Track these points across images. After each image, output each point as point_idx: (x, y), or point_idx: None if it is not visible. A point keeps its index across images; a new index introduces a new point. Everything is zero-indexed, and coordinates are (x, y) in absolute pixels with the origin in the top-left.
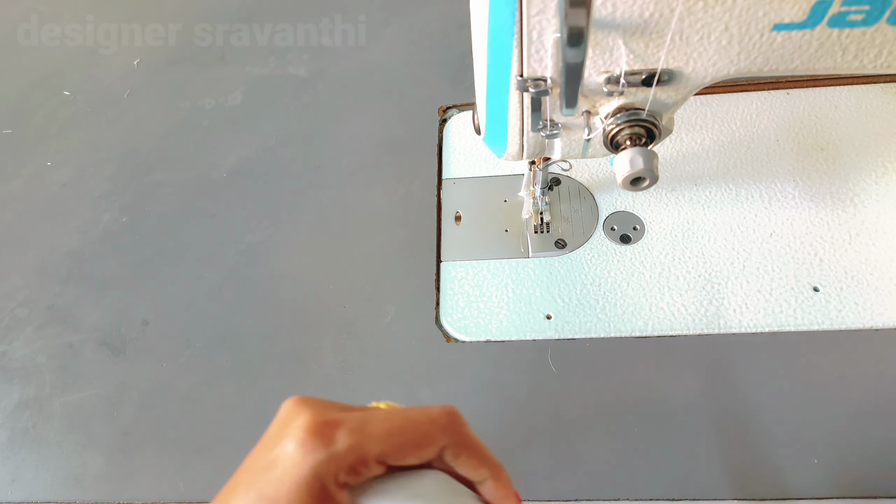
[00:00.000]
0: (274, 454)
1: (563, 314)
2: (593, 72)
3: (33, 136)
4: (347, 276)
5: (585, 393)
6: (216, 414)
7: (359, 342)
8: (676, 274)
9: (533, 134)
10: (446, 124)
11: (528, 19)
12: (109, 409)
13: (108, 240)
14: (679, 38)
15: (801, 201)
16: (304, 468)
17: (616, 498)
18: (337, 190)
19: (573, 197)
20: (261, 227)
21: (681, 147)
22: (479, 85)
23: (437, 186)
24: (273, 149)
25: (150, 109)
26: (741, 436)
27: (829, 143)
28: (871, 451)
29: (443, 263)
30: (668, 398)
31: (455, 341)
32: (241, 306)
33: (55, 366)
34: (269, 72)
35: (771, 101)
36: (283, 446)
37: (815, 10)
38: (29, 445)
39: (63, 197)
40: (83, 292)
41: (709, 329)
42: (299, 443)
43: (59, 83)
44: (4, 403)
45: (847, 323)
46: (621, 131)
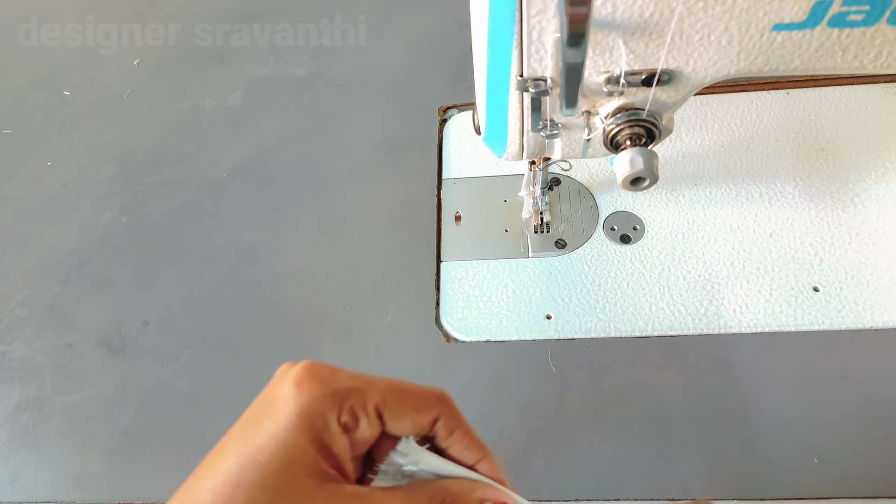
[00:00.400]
0: (269, 399)
1: (563, 314)
2: (593, 72)
3: (33, 136)
4: (347, 276)
5: (585, 393)
6: (216, 414)
7: (359, 342)
8: (676, 274)
9: (533, 134)
10: (446, 124)
11: (528, 19)
12: (109, 409)
13: (108, 240)
14: (679, 38)
15: (801, 201)
16: (300, 403)
17: (616, 498)
18: (337, 190)
19: (573, 197)
20: (261, 227)
21: (681, 147)
22: (479, 85)
23: (437, 186)
24: (273, 149)
25: (150, 109)
26: (741, 436)
27: (829, 143)
28: (871, 451)
29: (443, 263)
30: (668, 398)
31: (455, 341)
32: (241, 306)
33: (55, 366)
34: (269, 72)
35: (771, 101)
36: (279, 389)
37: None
38: (29, 445)
39: (63, 197)
40: (83, 292)
41: (709, 329)
42: (295, 383)
43: (59, 83)
44: (4, 403)
45: (847, 323)
46: (621, 131)
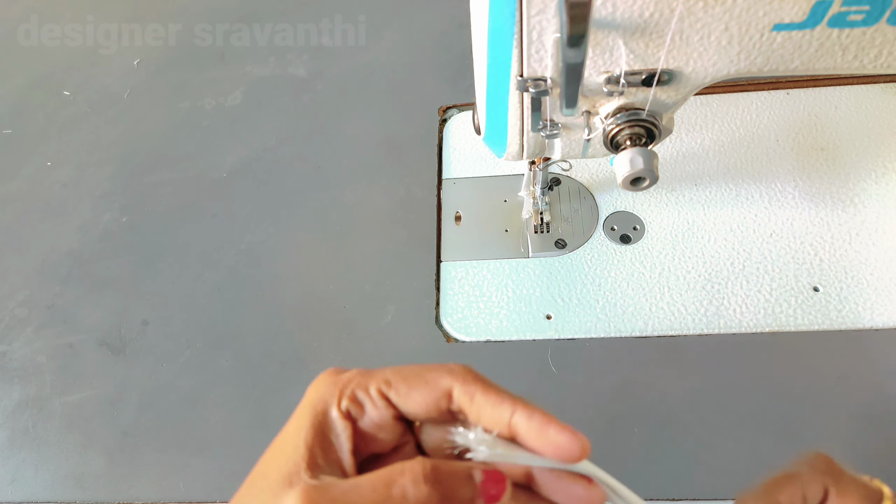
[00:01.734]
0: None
1: (563, 314)
2: (593, 72)
3: (33, 136)
4: (347, 276)
5: (585, 393)
6: (216, 414)
7: (359, 342)
8: (676, 274)
9: (533, 134)
10: (446, 124)
11: (528, 19)
12: (109, 409)
13: (108, 240)
14: (679, 38)
15: (801, 201)
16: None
17: None
18: (337, 190)
19: (573, 197)
20: (261, 227)
21: (681, 147)
22: (479, 85)
23: (437, 186)
24: (273, 149)
25: (150, 109)
26: (741, 435)
27: (829, 143)
28: (871, 451)
29: (443, 263)
30: (668, 398)
31: (455, 341)
32: (241, 306)
33: (55, 366)
34: (269, 72)
35: (771, 101)
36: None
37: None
38: (29, 445)
39: (63, 197)
40: (83, 292)
41: (709, 329)
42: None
43: (59, 83)
44: (4, 403)
45: (847, 323)
46: (621, 131)
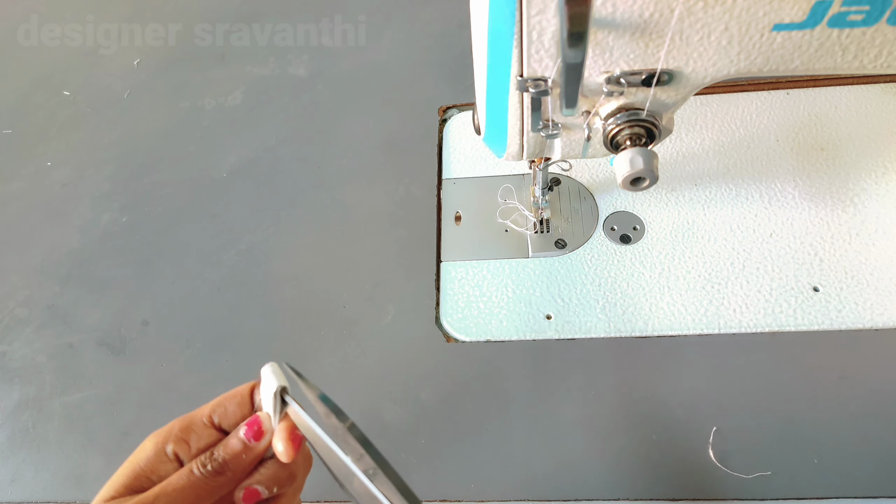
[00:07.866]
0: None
1: (563, 314)
2: (593, 72)
3: (33, 136)
4: (347, 276)
5: (585, 393)
6: None
7: (359, 342)
8: (676, 274)
9: (533, 134)
10: (446, 124)
11: (528, 19)
12: (109, 409)
13: (108, 240)
14: (679, 38)
15: (801, 201)
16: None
17: (616, 498)
18: (337, 190)
19: (573, 197)
20: (261, 227)
21: (681, 147)
22: (479, 85)
23: (437, 186)
24: (273, 149)
25: (150, 109)
26: (741, 436)
27: (829, 143)
28: (871, 451)
29: (443, 263)
30: (668, 398)
31: (455, 341)
32: (241, 306)
33: (55, 366)
34: (269, 72)
35: (771, 101)
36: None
37: (815, 11)
38: (29, 445)
39: (63, 197)
40: (83, 292)
41: (709, 329)
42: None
43: (59, 83)
44: (4, 403)
45: (847, 323)
46: (621, 131)
